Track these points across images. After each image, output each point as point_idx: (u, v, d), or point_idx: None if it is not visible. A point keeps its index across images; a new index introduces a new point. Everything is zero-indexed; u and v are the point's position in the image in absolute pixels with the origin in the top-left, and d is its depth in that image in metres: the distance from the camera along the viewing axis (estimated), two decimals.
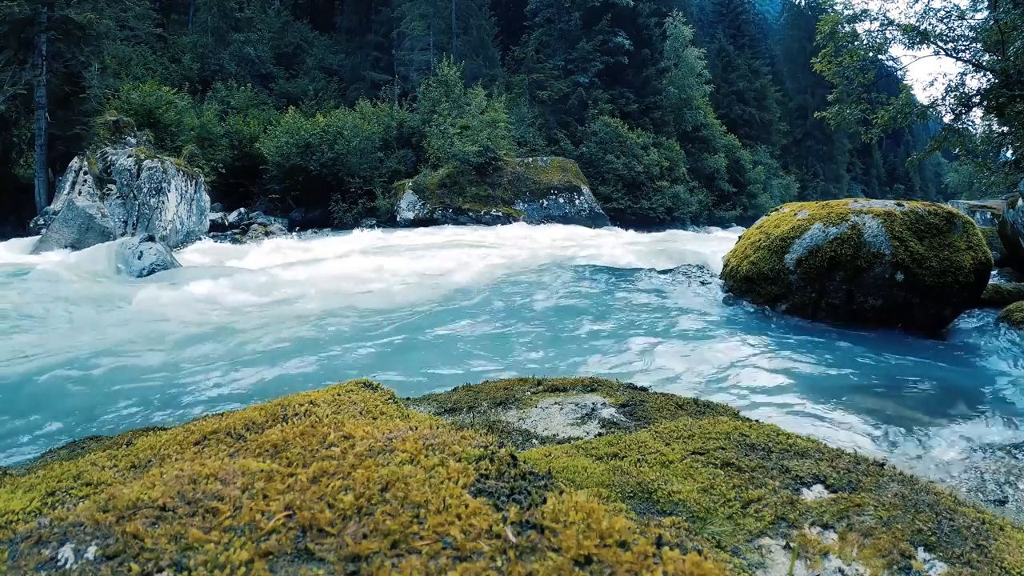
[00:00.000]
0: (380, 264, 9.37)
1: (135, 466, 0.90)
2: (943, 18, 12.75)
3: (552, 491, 0.71)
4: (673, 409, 1.72)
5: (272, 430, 0.88)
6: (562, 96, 32.12)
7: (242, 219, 18.62)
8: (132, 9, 16.55)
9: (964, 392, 3.43)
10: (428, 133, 24.12)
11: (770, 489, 1.04)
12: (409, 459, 0.75)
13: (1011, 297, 5.44)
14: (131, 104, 17.03)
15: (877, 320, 4.63)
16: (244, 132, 23.15)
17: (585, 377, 2.08)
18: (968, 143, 13.41)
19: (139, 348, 4.53)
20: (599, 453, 1.24)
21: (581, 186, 24.93)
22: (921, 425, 2.69)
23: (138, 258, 8.75)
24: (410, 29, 30.14)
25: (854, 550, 0.88)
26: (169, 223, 13.12)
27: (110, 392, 3.54)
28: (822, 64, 13.69)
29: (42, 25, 13.08)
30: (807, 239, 4.77)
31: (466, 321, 5.43)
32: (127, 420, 3.08)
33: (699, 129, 39.00)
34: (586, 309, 5.79)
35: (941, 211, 4.74)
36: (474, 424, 1.72)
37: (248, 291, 6.70)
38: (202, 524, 0.63)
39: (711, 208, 37.36)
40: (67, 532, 0.64)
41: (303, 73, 31.09)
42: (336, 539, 0.60)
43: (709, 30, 54.49)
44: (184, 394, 3.48)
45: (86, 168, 12.47)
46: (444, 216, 21.66)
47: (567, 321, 5.33)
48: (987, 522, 0.98)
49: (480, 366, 3.98)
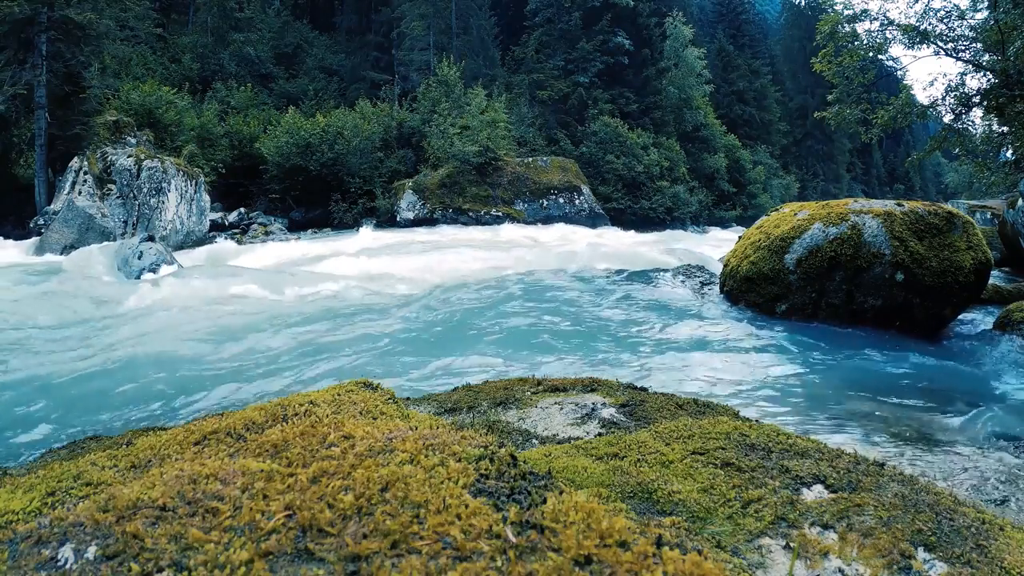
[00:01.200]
0: (380, 264, 9.37)
1: (135, 466, 0.90)
2: (943, 18, 12.75)
3: (552, 491, 0.71)
4: (673, 409, 1.72)
5: (272, 430, 0.88)
6: (562, 96, 32.12)
7: (242, 219, 18.63)
8: (132, 9, 16.56)
9: (964, 392, 3.43)
10: (428, 133, 24.12)
11: (770, 489, 1.04)
12: (409, 459, 0.75)
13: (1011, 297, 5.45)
14: (131, 104, 17.03)
15: (877, 320, 4.63)
16: (244, 132, 23.14)
17: (585, 377, 2.08)
18: (968, 143, 13.41)
19: (138, 348, 4.53)
20: (599, 453, 1.24)
21: (581, 186, 24.93)
22: (921, 425, 2.69)
23: (138, 258, 8.75)
24: (410, 29, 30.13)
25: (854, 550, 0.88)
26: (169, 223, 13.13)
27: (110, 392, 3.54)
28: (822, 64, 13.68)
29: (42, 25, 13.09)
30: (807, 239, 4.77)
31: (465, 321, 5.43)
32: (127, 420, 3.08)
33: (699, 129, 38.99)
34: (586, 309, 5.79)
35: (941, 211, 4.74)
36: (474, 424, 1.72)
37: (248, 291, 6.70)
38: (202, 524, 0.63)
39: (711, 208, 37.35)
40: (67, 532, 0.64)
41: (303, 73, 31.07)
42: (336, 539, 0.60)
43: (709, 30, 54.49)
44: (184, 394, 3.48)
45: (86, 168, 12.47)
46: (444, 216, 21.66)
47: (567, 321, 5.33)
48: (987, 522, 0.98)
49: (480, 366, 3.98)
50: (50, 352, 4.46)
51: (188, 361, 4.17)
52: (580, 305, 6.00)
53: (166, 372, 3.91)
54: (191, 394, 3.48)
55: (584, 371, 3.72)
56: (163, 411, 3.22)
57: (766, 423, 1.44)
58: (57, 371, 3.95)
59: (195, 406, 3.28)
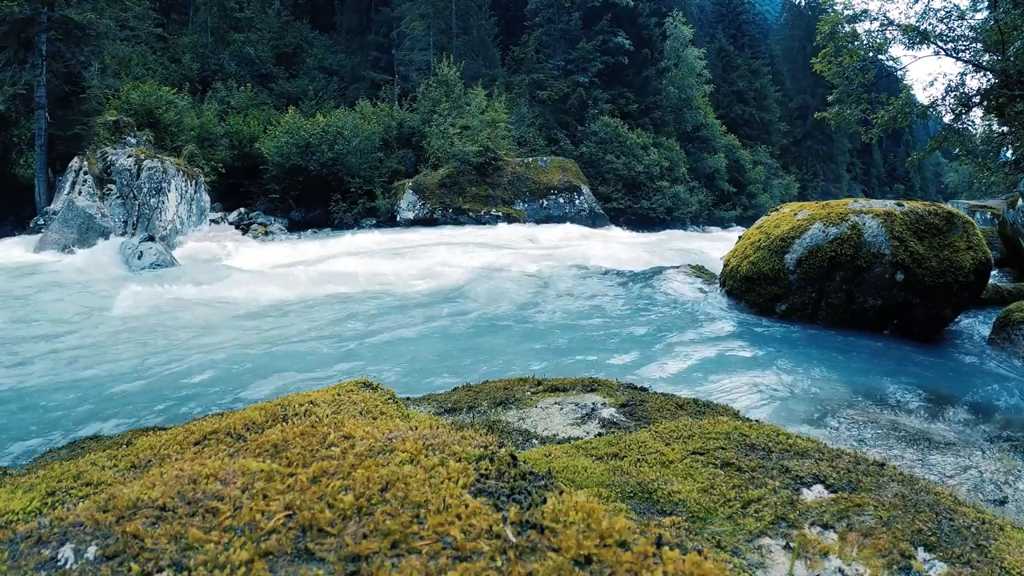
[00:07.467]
0: (379, 264, 9.37)
1: (135, 466, 0.90)
2: (943, 18, 12.75)
3: (552, 491, 0.71)
4: (673, 409, 1.72)
5: (272, 430, 0.88)
6: (562, 96, 32.12)
7: (242, 219, 18.62)
8: (132, 9, 16.56)
9: (964, 392, 3.43)
10: (428, 133, 24.12)
11: (770, 489, 1.04)
12: (409, 459, 0.75)
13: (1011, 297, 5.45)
14: (131, 104, 17.03)
15: (877, 320, 4.63)
16: (244, 132, 23.14)
17: (585, 377, 2.08)
18: (968, 143, 13.42)
19: (137, 348, 4.53)
20: (599, 453, 1.24)
21: (581, 186, 24.94)
22: (921, 425, 2.69)
23: (138, 258, 8.75)
24: (410, 29, 30.13)
25: (854, 550, 0.88)
26: (169, 223, 13.12)
27: (109, 392, 3.54)
28: (822, 64, 13.69)
29: (42, 25, 13.09)
30: (807, 239, 4.77)
31: (465, 321, 5.43)
32: (127, 420, 3.08)
33: (699, 129, 39.00)
34: (585, 309, 5.79)
35: (941, 211, 4.74)
36: (474, 424, 1.72)
37: (247, 291, 6.70)
38: (202, 524, 0.63)
39: (711, 208, 37.36)
40: (67, 532, 0.64)
41: (303, 73, 31.07)
42: (336, 539, 0.60)
43: (709, 30, 54.47)
44: (183, 393, 3.48)
45: (86, 168, 12.47)
46: (444, 216, 21.66)
47: (567, 321, 5.33)
48: (987, 522, 0.98)
49: (480, 366, 3.98)
50: (49, 352, 4.46)
51: (187, 361, 4.16)
52: (580, 304, 6.00)
53: (165, 372, 3.91)
54: (191, 394, 3.48)
55: (584, 371, 3.72)
56: (163, 411, 3.21)
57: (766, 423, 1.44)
58: (56, 371, 3.95)
59: (195, 406, 3.28)
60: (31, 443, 2.79)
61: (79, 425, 3.01)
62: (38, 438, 2.86)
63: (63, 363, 4.13)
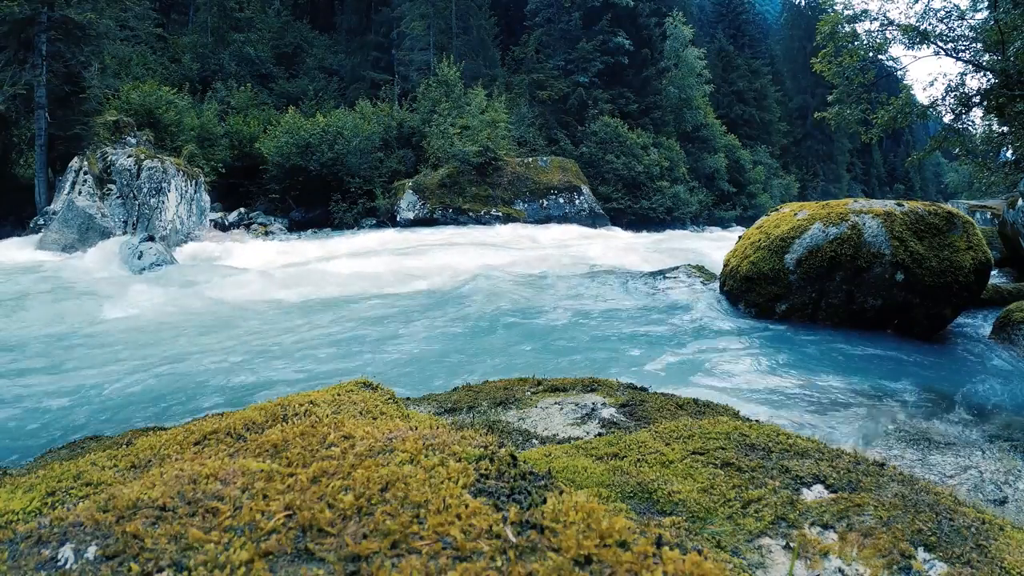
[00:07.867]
0: (379, 264, 9.37)
1: (135, 466, 0.90)
2: (943, 18, 12.76)
3: (552, 491, 0.71)
4: (673, 409, 1.72)
5: (272, 430, 0.88)
6: (562, 96, 32.13)
7: (242, 219, 18.62)
8: (132, 9, 16.56)
9: (964, 392, 3.43)
10: (428, 133, 24.12)
11: (770, 489, 1.04)
12: (409, 459, 0.75)
13: (1011, 297, 5.45)
14: (131, 104, 17.03)
15: (877, 320, 4.62)
16: (244, 132, 23.14)
17: (585, 377, 2.08)
18: (968, 143, 13.42)
19: (137, 348, 4.53)
20: (599, 453, 1.24)
21: (581, 186, 24.94)
22: (921, 425, 2.69)
23: (138, 258, 8.75)
24: (410, 29, 30.13)
25: (854, 550, 0.88)
26: (169, 223, 13.12)
27: (109, 392, 3.53)
28: (822, 64, 13.69)
29: (42, 25, 13.09)
30: (807, 239, 4.77)
31: (465, 321, 5.43)
32: (127, 420, 3.08)
33: (699, 129, 39.01)
34: (585, 309, 5.79)
35: (941, 211, 4.74)
36: (474, 424, 1.72)
37: (247, 291, 6.70)
38: (202, 524, 0.63)
39: (711, 208, 37.38)
40: (67, 532, 0.64)
41: (303, 73, 31.07)
42: (336, 539, 0.60)
43: (709, 30, 54.49)
44: (183, 394, 3.48)
45: (86, 168, 12.47)
46: (444, 216, 21.66)
47: (567, 321, 5.33)
48: (987, 522, 0.98)
49: (480, 366, 3.98)
50: (48, 352, 4.46)
51: (187, 361, 4.16)
52: (580, 304, 5.99)
53: (165, 372, 3.91)
54: (191, 394, 3.48)
55: (584, 371, 3.72)
56: (163, 411, 3.21)
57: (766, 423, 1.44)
58: (56, 371, 3.95)
59: (195, 406, 3.28)
60: (31, 443, 2.79)
61: (79, 425, 3.01)
62: (38, 438, 2.86)
63: (63, 363, 4.13)
